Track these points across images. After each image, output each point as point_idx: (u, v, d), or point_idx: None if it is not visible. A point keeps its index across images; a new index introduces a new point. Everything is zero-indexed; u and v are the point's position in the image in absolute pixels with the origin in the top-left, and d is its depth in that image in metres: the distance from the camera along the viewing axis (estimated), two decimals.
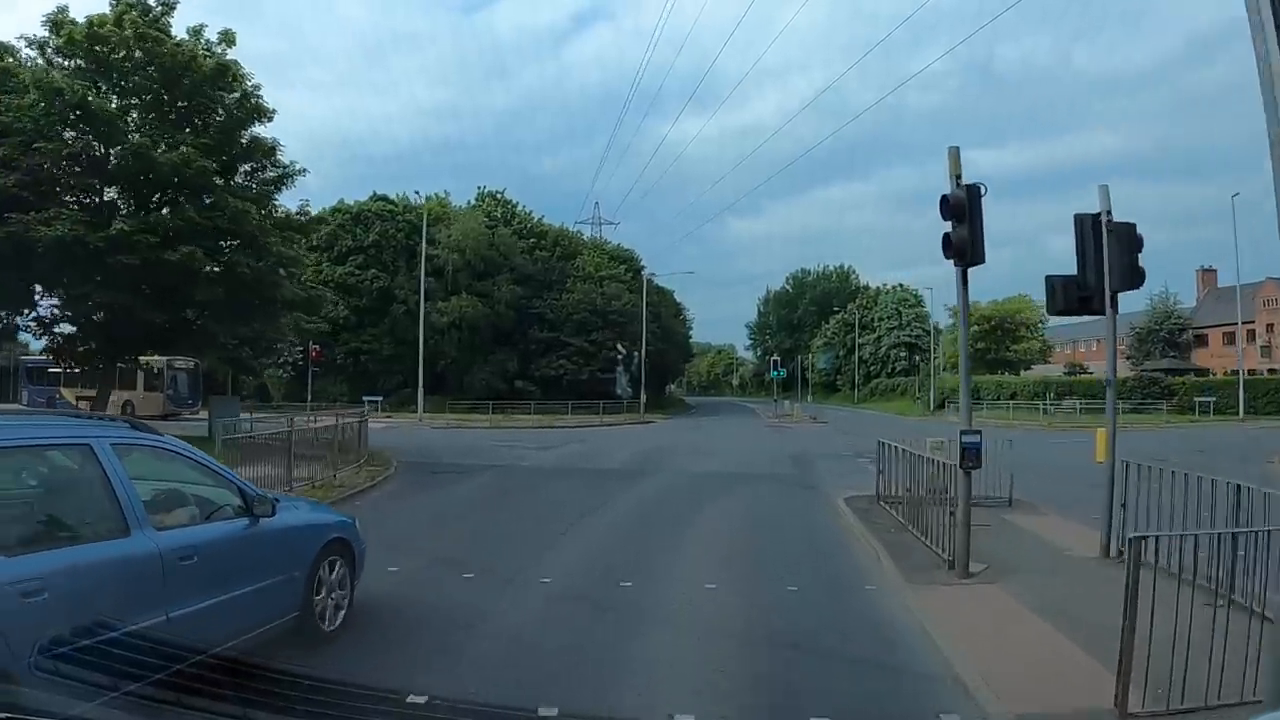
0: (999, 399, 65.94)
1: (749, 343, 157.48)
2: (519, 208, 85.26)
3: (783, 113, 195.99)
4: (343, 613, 8.45)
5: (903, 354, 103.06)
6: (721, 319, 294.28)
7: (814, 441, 39.53)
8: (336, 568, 8.42)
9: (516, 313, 72.84)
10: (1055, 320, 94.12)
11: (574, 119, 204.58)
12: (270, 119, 29.22)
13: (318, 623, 8.03)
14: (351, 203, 77.05)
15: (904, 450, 15.94)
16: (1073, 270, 12.65)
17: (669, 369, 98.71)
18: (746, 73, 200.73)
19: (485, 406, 60.93)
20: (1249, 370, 68.19)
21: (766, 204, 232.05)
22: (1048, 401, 60.85)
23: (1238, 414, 57.31)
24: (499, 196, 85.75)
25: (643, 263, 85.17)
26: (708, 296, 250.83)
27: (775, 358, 75.19)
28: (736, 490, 20.84)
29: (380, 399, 62.55)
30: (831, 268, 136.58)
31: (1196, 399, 56.47)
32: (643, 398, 68.25)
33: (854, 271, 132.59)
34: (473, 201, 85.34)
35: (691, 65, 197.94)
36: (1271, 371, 67.64)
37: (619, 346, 70.67)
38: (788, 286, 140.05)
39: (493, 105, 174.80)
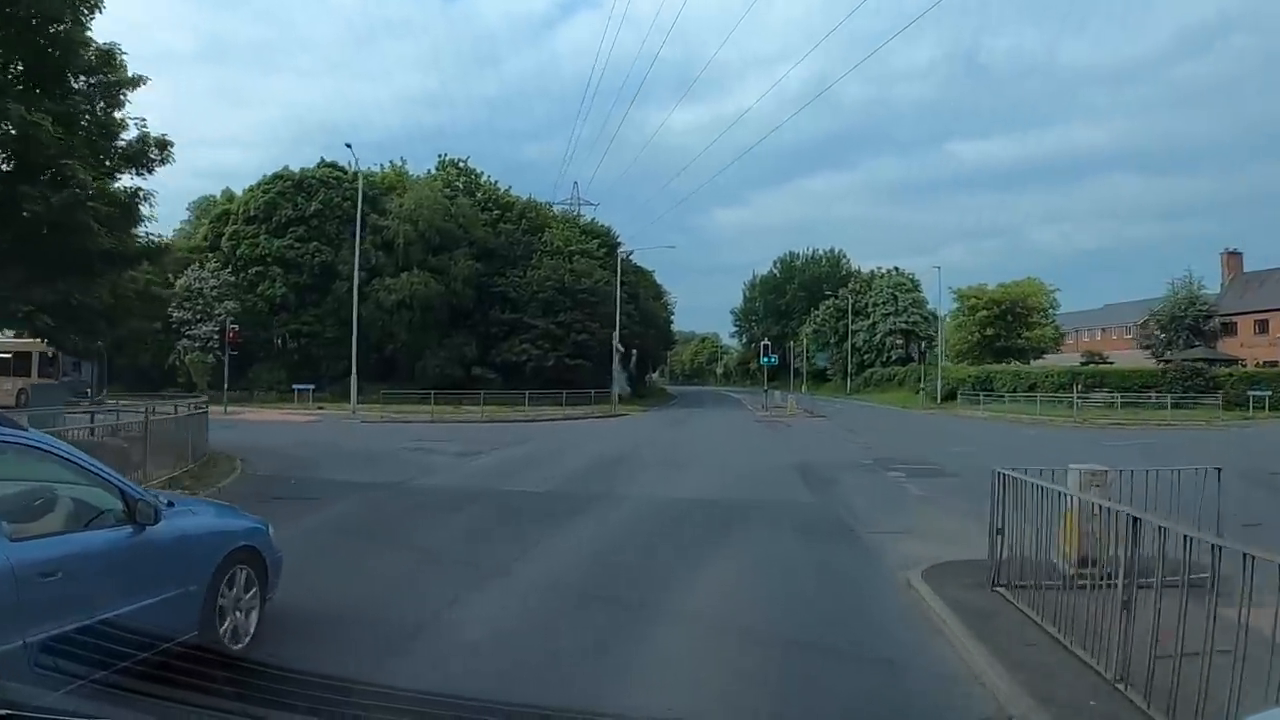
0: (1016, 391, 58.36)
1: (734, 329, 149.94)
2: (484, 177, 77.14)
3: (768, 102, 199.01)
4: (250, 631, 7.33)
5: (899, 341, 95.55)
6: (706, 308, 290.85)
7: (820, 444, 31.70)
8: (242, 580, 7.32)
9: (476, 291, 64.83)
10: (1066, 305, 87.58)
11: (565, 106, 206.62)
12: (99, 9, 21.50)
13: (221, 642, 6.91)
14: (296, 169, 68.77)
15: (1049, 490, 8.47)
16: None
17: (649, 356, 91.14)
18: (714, 55, 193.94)
19: (440, 396, 52.15)
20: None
21: (752, 194, 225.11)
22: (1076, 394, 53.21)
23: None
24: (462, 165, 77.46)
25: (619, 238, 77.51)
26: (693, 286, 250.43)
27: (765, 342, 66.58)
28: (730, 542, 12.77)
29: (311, 387, 54.64)
30: (821, 252, 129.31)
31: (1250, 393, 48.69)
32: (616, 387, 60.32)
33: (845, 256, 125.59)
34: (433, 171, 77.13)
35: (676, 52, 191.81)
36: None
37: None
38: (775, 271, 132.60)
39: (481, 93, 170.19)
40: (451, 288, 63.37)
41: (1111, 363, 70.07)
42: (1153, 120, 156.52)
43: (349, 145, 51.53)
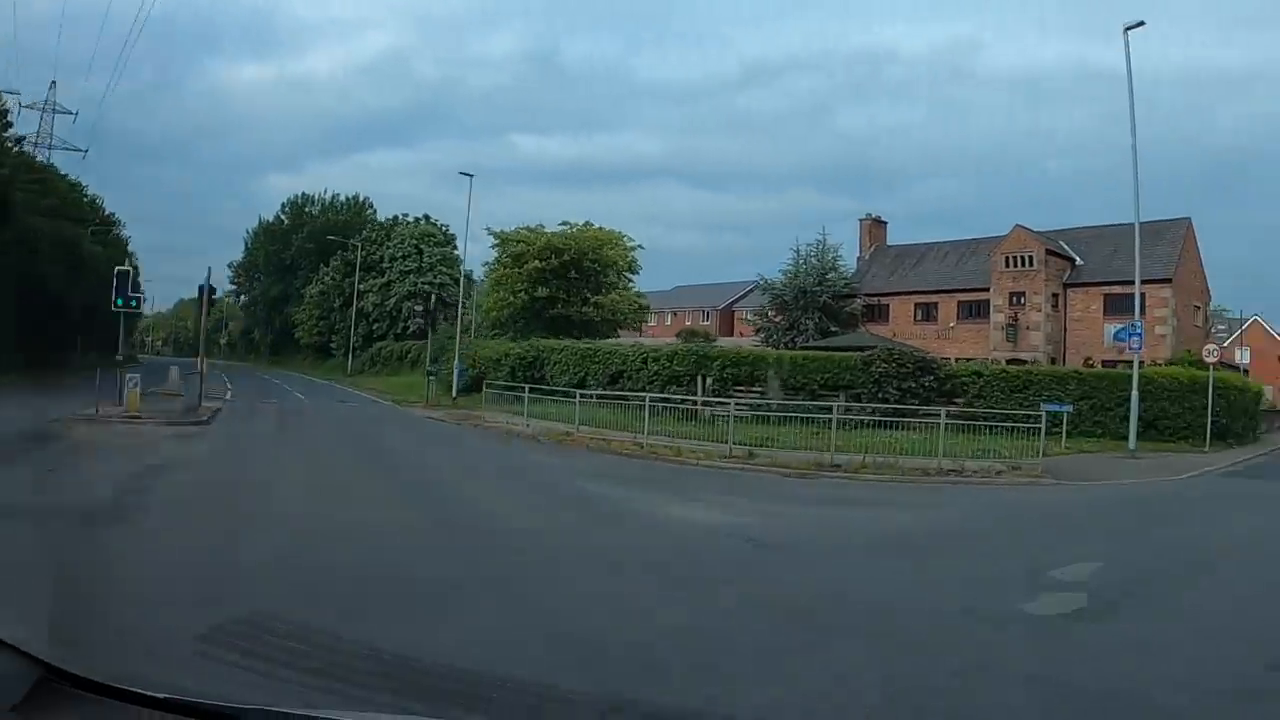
0: (586, 382, 35.75)
1: (232, 288, 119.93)
2: None
3: (337, 70, 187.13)
4: None
5: (418, 308, 71.40)
6: None
7: None
8: None
9: None
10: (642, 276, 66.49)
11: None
12: None
13: None
14: None
15: None
16: None
17: (60, 308, 59.77)
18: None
19: None
20: (991, 359, 43.95)
21: (309, 162, 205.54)
22: (701, 392, 30.77)
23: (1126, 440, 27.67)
24: None
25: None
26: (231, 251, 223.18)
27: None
28: None
29: None
30: (343, 198, 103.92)
31: (1045, 408, 26.15)
32: None
33: (370, 204, 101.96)
34: None
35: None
36: (1015, 362, 41.86)
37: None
38: (283, 217, 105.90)
39: None
40: None
41: (720, 347, 49.01)
42: (706, 139, 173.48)
43: None
